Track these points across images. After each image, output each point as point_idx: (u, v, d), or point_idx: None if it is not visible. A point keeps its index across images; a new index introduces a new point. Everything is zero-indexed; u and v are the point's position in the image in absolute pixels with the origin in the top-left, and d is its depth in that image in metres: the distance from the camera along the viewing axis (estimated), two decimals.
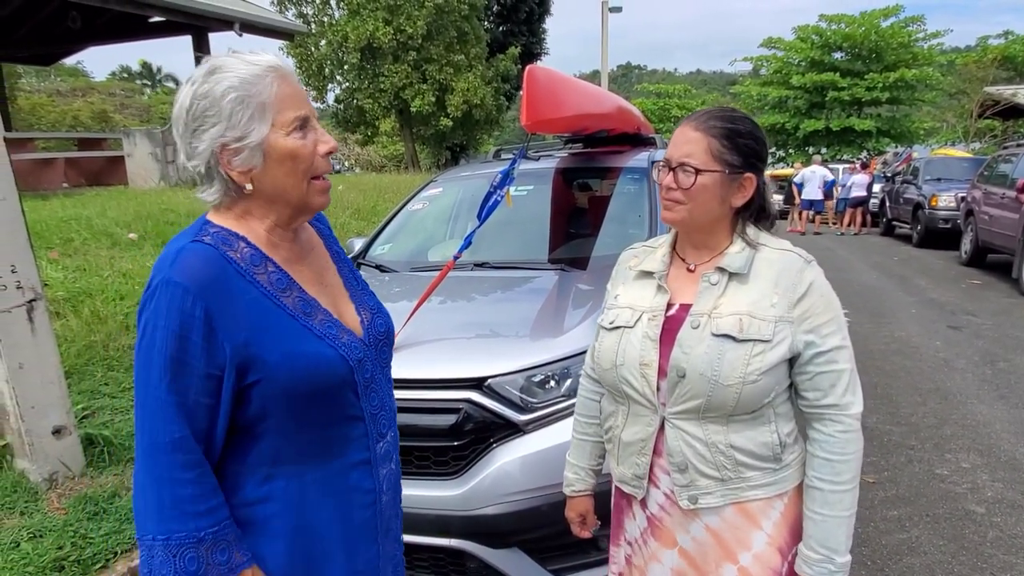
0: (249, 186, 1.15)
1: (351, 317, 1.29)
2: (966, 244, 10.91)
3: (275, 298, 1.15)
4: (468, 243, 2.97)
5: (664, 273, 1.49)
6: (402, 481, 2.30)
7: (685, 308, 1.42)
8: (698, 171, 1.37)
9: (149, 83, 50.02)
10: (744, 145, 1.40)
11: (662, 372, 1.41)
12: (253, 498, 1.15)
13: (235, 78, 1.12)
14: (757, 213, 1.47)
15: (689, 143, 1.39)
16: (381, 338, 1.33)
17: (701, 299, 1.40)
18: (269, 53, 1.19)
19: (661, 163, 1.44)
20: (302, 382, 1.13)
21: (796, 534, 1.43)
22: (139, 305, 1.10)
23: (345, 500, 1.22)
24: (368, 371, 1.24)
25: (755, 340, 1.33)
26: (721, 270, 1.41)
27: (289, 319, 1.15)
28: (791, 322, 1.35)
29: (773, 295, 1.36)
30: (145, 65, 50.36)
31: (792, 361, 1.39)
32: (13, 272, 3.11)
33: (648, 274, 1.51)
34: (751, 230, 1.45)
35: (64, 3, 11.05)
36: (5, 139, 3.15)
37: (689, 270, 1.48)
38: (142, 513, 1.07)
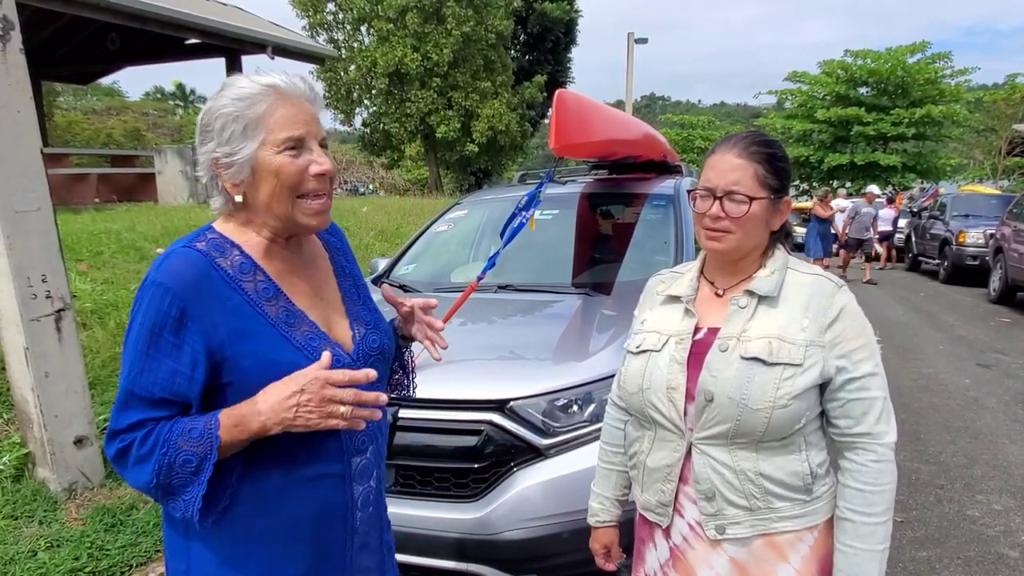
0: (239, 197, 1.20)
1: (342, 331, 1.30)
2: (995, 281, 10.71)
3: (258, 306, 1.19)
4: (492, 264, 2.97)
5: (692, 297, 1.47)
6: (421, 502, 2.30)
7: (713, 332, 1.40)
8: (751, 199, 1.35)
9: (181, 103, 51.11)
10: (782, 168, 1.39)
11: (689, 396, 1.38)
12: (224, 496, 1.17)
13: (232, 96, 1.17)
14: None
15: (736, 170, 1.36)
16: (373, 353, 1.33)
17: (730, 322, 1.38)
18: (282, 73, 1.21)
19: (703, 192, 1.39)
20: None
21: (826, 570, 1.38)
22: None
23: (315, 511, 1.23)
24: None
25: (785, 364, 1.31)
26: (750, 293, 1.39)
27: (269, 327, 1.18)
28: (822, 347, 1.32)
29: (803, 319, 1.34)
30: (179, 86, 51.54)
31: (823, 388, 1.35)
32: (44, 282, 3.16)
33: (675, 299, 1.49)
34: (780, 253, 1.43)
35: (104, 25, 11.36)
36: (42, 153, 3.22)
37: (717, 294, 1.46)
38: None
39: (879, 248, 15.12)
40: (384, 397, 1.19)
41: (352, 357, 1.27)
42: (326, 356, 1.15)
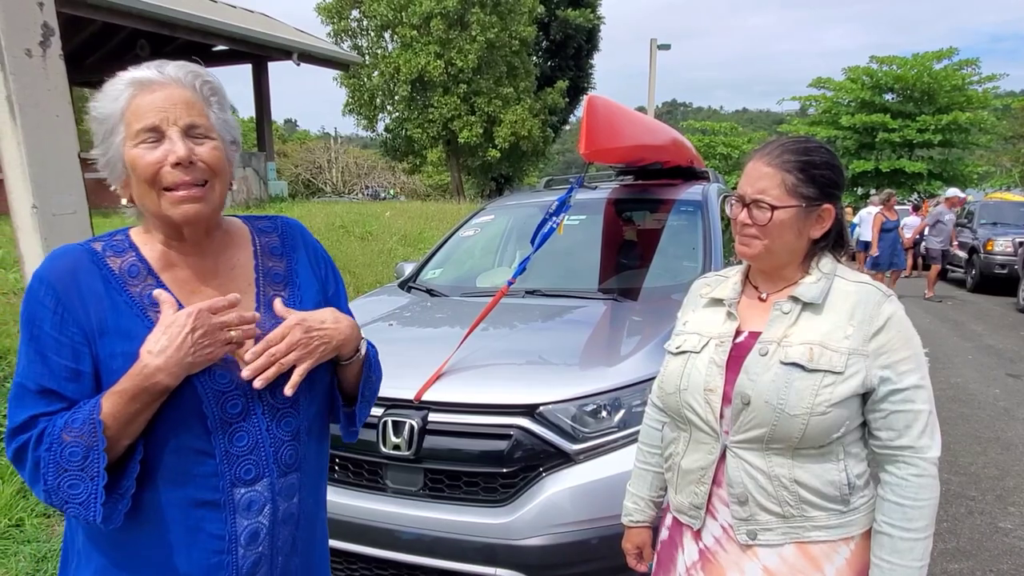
0: (124, 200, 1.19)
1: (242, 347, 1.19)
2: None
3: (143, 311, 1.14)
4: (523, 269, 2.98)
5: (735, 300, 1.47)
6: (450, 506, 2.31)
7: (754, 336, 1.40)
8: (774, 208, 1.35)
9: None
10: (820, 176, 1.37)
11: (727, 399, 1.38)
12: (125, 496, 1.11)
13: (100, 97, 1.15)
14: (834, 242, 1.44)
15: (763, 179, 1.37)
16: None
17: (771, 327, 1.38)
18: (163, 65, 1.17)
19: (734, 198, 1.42)
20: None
21: None
22: None
23: (185, 535, 1.15)
24: (238, 405, 1.17)
25: (826, 371, 1.30)
26: (794, 299, 1.38)
27: (148, 332, 1.11)
28: (865, 356, 1.31)
29: (848, 327, 1.33)
30: None
31: (866, 398, 1.34)
32: None
33: (719, 301, 1.50)
34: (828, 261, 1.42)
35: (134, 31, 11.56)
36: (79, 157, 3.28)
37: (761, 299, 1.45)
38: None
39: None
40: (256, 316, 1.16)
41: (248, 376, 1.17)
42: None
